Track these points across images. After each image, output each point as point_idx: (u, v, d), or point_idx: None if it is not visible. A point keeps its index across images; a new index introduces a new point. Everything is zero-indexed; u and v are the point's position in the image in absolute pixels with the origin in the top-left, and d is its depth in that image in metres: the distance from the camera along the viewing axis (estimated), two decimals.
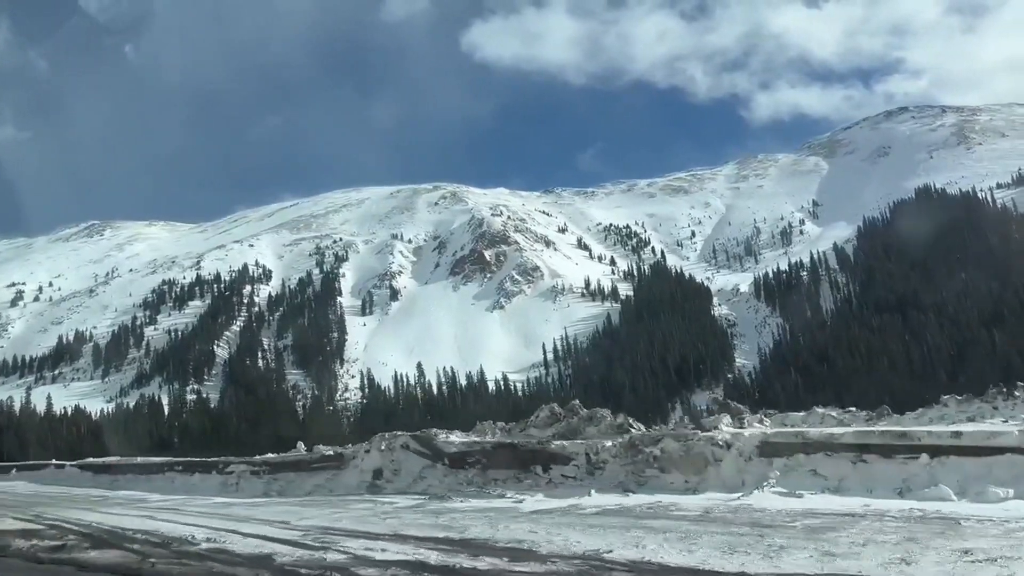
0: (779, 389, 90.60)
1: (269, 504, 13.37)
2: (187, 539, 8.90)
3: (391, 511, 10.62)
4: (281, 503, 13.34)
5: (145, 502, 15.50)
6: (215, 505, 13.82)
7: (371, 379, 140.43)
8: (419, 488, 12.55)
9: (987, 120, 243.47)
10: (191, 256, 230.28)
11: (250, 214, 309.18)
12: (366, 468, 13.79)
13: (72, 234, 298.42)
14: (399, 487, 12.92)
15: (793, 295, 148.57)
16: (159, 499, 15.84)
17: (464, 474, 12.32)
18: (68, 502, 16.55)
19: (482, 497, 11.16)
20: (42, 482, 22.56)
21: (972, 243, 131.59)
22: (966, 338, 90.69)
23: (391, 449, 13.73)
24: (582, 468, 11.08)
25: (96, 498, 17.15)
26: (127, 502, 15.77)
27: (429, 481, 12.50)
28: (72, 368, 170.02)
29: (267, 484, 15.17)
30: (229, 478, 16.09)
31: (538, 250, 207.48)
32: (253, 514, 11.52)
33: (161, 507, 13.96)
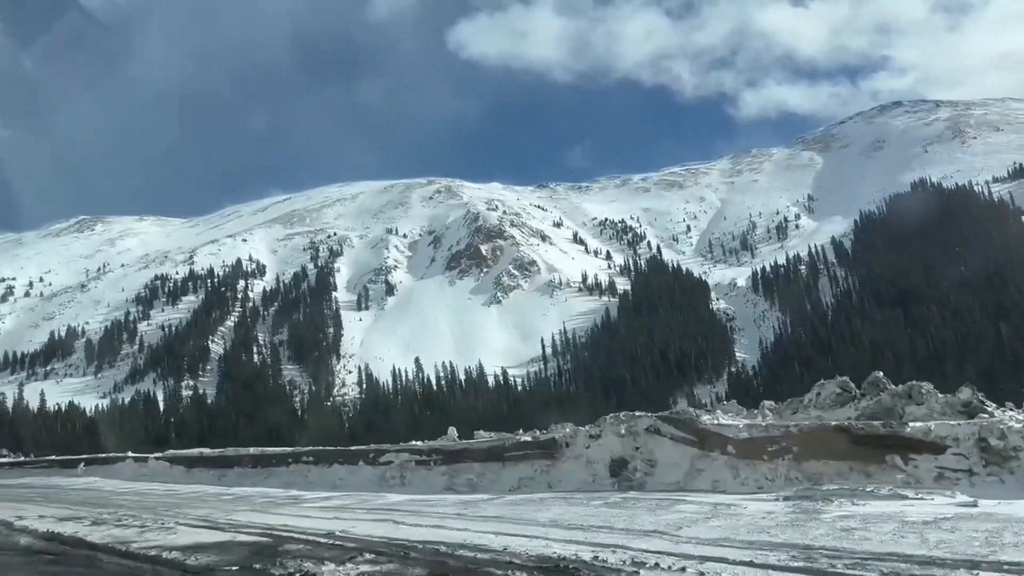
0: (785, 383, 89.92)
1: (510, 504, 9.64)
2: (586, 561, 5.61)
3: (787, 522, 6.73)
4: (522, 502, 9.81)
5: (305, 501, 12.14)
6: (423, 503, 10.42)
7: (369, 374, 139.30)
8: (699, 485, 9.35)
9: (981, 114, 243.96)
10: (183, 251, 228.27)
11: (242, 209, 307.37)
12: (596, 458, 10.83)
13: (62, 229, 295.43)
14: (663, 482, 9.74)
15: (792, 289, 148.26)
16: (316, 497, 12.39)
17: (763, 467, 9.19)
18: (202, 502, 13.04)
19: (847, 497, 7.64)
20: (126, 478, 19.86)
21: (970, 237, 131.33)
22: (970, 331, 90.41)
23: (633, 433, 10.67)
24: (973, 458, 8.07)
25: (231, 496, 13.77)
26: (287, 502, 12.30)
27: (712, 476, 9.42)
28: (64, 364, 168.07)
29: (448, 477, 12.38)
30: (387, 470, 13.53)
31: (534, 244, 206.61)
32: (543, 517, 8.16)
33: (354, 507, 10.67)
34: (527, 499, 10.04)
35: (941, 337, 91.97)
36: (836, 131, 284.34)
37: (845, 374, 51.41)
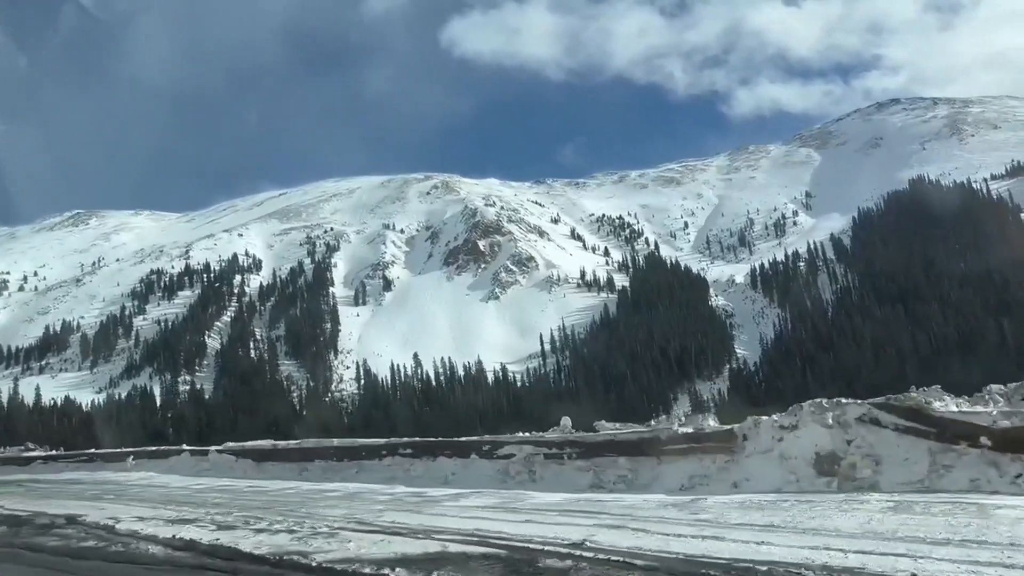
0: (787, 380, 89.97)
1: (761, 508, 7.46)
2: None
3: None
4: (766, 505, 7.64)
5: (438, 500, 10.28)
6: (611, 505, 8.49)
7: (367, 370, 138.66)
8: (949, 484, 7.53)
9: (979, 112, 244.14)
10: (179, 246, 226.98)
11: (238, 203, 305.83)
12: (793, 453, 8.83)
13: (56, 223, 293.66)
14: (898, 481, 7.85)
15: (791, 286, 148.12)
16: (444, 495, 10.59)
17: None
18: (314, 500, 11.23)
19: None
20: (186, 474, 17.85)
21: (969, 234, 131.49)
22: (972, 328, 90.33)
23: (842, 424, 8.72)
24: None
25: (338, 494, 11.81)
26: (421, 500, 10.36)
27: (966, 474, 7.63)
28: (60, 359, 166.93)
29: (592, 474, 10.47)
30: (509, 464, 11.72)
31: (532, 240, 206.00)
32: (832, 525, 6.35)
33: (517, 507, 8.89)
34: (758, 502, 7.78)
35: (944, 334, 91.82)
36: (833, 128, 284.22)
37: (848, 371, 52.03)
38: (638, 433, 10.86)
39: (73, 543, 8.52)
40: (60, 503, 12.76)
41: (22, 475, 22.53)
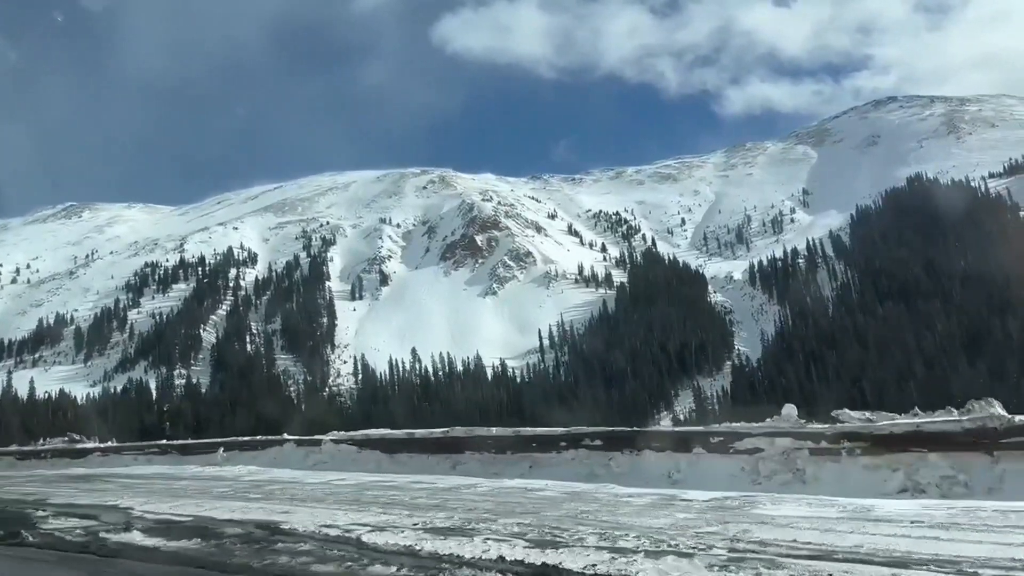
0: (791, 378, 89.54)
1: None
2: None
3: None
4: None
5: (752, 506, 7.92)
6: None
7: (365, 364, 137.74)
8: None
9: (976, 110, 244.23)
10: (173, 239, 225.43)
11: (232, 197, 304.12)
12: None
13: (48, 216, 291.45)
14: None
15: (790, 283, 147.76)
16: (744, 500, 8.27)
17: None
18: (549, 504, 8.83)
19: None
20: (294, 467, 15.98)
21: (970, 232, 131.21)
22: (977, 326, 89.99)
23: None
24: None
25: (559, 496, 9.42)
26: (738, 507, 7.87)
27: None
28: (53, 352, 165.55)
29: (900, 474, 8.51)
30: (759, 461, 9.57)
31: (529, 236, 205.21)
32: None
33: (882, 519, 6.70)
34: None
35: (949, 332, 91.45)
36: (830, 126, 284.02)
37: (852, 369, 51.02)
38: (952, 422, 8.73)
39: (347, 567, 5.96)
40: (211, 504, 10.51)
41: (91, 468, 20.61)
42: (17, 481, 18.04)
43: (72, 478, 17.64)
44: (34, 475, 20.24)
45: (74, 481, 16.60)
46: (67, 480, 17.11)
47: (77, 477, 17.94)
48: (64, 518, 9.76)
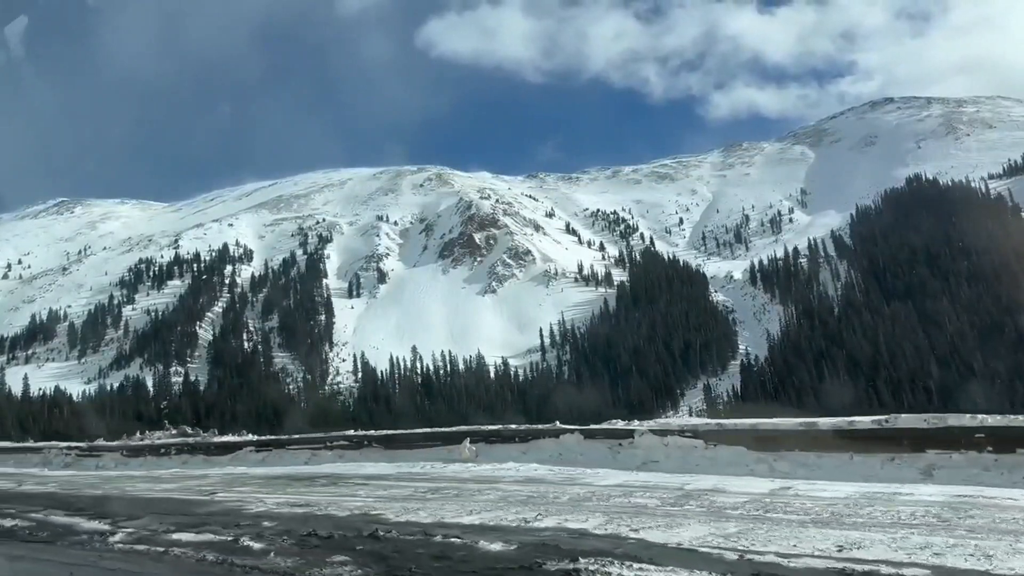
0: (803, 377, 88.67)
1: None
2: None
3: None
4: None
5: None
6: None
7: (365, 362, 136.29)
8: None
9: (973, 112, 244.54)
10: (167, 235, 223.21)
11: (225, 194, 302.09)
12: None
13: (40, 211, 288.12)
14: None
15: (792, 282, 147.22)
16: None
17: None
18: None
19: None
20: (619, 466, 12.98)
21: (972, 232, 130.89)
22: (986, 325, 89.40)
23: None
24: None
25: None
26: None
27: None
28: (46, 348, 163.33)
29: None
30: None
31: (528, 234, 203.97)
32: None
33: None
34: None
35: (960, 332, 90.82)
36: (827, 126, 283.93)
37: (863, 368, 49.54)
38: None
39: None
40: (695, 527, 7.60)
41: (278, 467, 16.97)
42: (211, 483, 14.59)
43: (292, 479, 13.99)
44: (209, 478, 16.14)
45: (307, 484, 13.06)
46: (293, 482, 13.49)
47: (299, 478, 14.18)
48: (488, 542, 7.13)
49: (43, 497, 14.10)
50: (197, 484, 14.77)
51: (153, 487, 15.11)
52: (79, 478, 18.54)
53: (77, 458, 22.30)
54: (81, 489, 15.37)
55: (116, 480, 17.37)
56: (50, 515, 10.75)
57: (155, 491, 14.27)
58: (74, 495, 14.19)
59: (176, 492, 13.83)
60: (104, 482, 16.92)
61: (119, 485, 15.99)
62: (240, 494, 12.55)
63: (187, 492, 13.62)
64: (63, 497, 13.88)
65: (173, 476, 17.37)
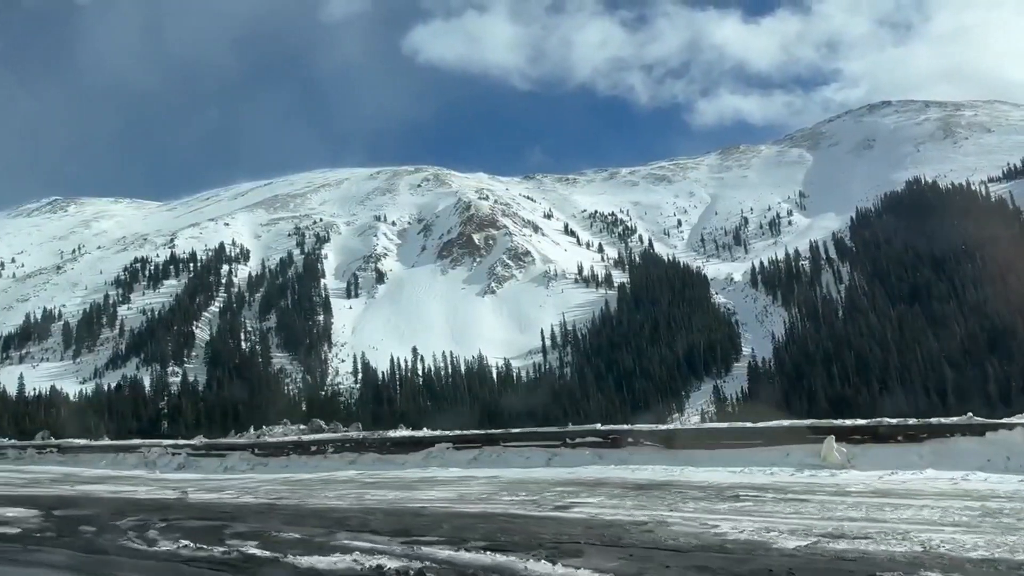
0: (815, 380, 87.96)
1: None
2: None
3: None
4: None
5: None
6: None
7: (365, 363, 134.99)
8: None
9: (971, 115, 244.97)
10: (163, 234, 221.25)
11: (221, 193, 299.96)
12: None
13: (33, 210, 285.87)
14: None
15: (794, 284, 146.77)
16: None
17: None
18: None
19: None
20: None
21: (975, 235, 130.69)
22: (996, 328, 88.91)
23: None
24: None
25: None
26: None
27: None
28: (41, 348, 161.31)
29: None
30: None
31: (527, 235, 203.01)
32: None
33: None
34: None
35: (970, 334, 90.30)
36: (825, 129, 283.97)
37: (874, 371, 48.28)
38: None
39: None
40: None
41: (472, 469, 13.87)
42: (484, 490, 11.08)
43: (624, 487, 10.33)
44: (458, 484, 12.29)
45: (650, 494, 9.46)
46: (632, 492, 9.85)
47: (613, 484, 10.64)
48: None
49: (274, 511, 10.22)
50: (467, 491, 11.06)
51: (379, 495, 11.25)
52: (234, 482, 14.91)
53: (190, 458, 19.36)
54: (283, 497, 11.77)
55: (297, 487, 13.17)
56: (355, 540, 7.35)
57: (412, 501, 10.39)
58: (298, 507, 10.59)
59: (470, 505, 9.73)
60: (287, 489, 12.81)
61: (315, 493, 12.02)
62: (601, 510, 8.59)
63: (491, 502, 9.77)
64: (296, 512, 10.09)
65: (383, 481, 13.28)
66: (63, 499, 13.33)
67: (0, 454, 25.61)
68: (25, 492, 15.05)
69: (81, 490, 15.17)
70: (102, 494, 14.10)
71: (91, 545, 8.20)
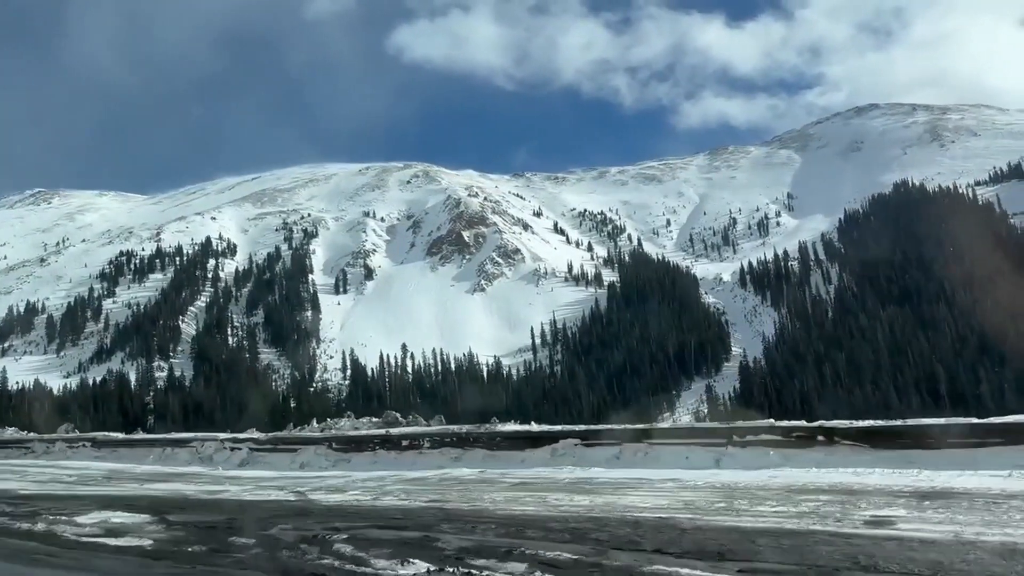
0: (807, 381, 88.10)
1: None
2: None
3: None
4: None
5: None
6: None
7: (354, 360, 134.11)
8: None
9: (958, 119, 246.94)
10: (148, 227, 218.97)
11: (207, 187, 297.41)
12: None
13: (16, 201, 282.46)
14: None
15: (784, 285, 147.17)
16: None
17: None
18: None
19: None
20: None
21: (963, 238, 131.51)
22: (986, 329, 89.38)
23: None
24: None
25: None
26: None
27: None
28: (24, 341, 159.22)
29: None
30: None
31: (517, 233, 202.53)
32: None
33: None
34: None
35: (960, 336, 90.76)
36: (813, 131, 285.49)
37: (868, 373, 48.21)
38: None
39: None
40: None
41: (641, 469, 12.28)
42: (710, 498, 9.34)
43: None
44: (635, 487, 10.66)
45: None
46: None
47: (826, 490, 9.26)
48: None
49: (456, 518, 8.73)
50: (687, 497, 9.45)
51: (560, 499, 9.80)
52: (333, 480, 13.39)
53: (253, 453, 17.79)
54: (436, 501, 10.18)
55: (425, 486, 11.85)
56: (669, 566, 5.93)
57: (618, 508, 8.86)
58: (476, 512, 9.08)
59: (723, 518, 8.03)
60: (420, 490, 11.45)
61: (471, 496, 10.53)
62: None
63: (754, 515, 8.04)
64: (483, 518, 8.60)
65: (532, 481, 11.82)
66: (158, 501, 11.58)
67: (25, 448, 24.09)
68: (92, 491, 13.52)
69: (158, 489, 13.58)
70: (189, 494, 12.59)
71: (296, 567, 6.61)
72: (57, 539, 8.51)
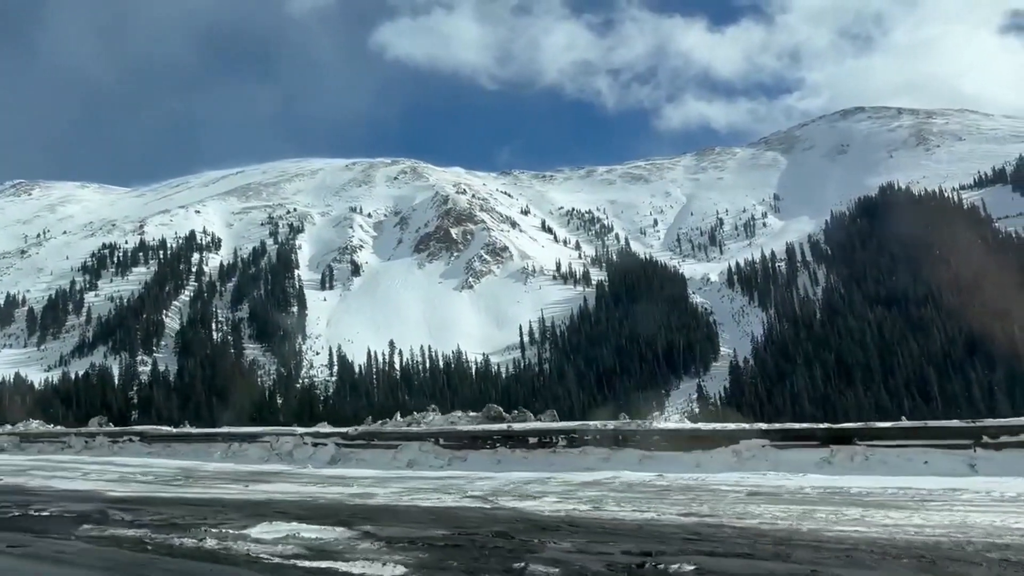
0: (799, 380, 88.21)
1: None
2: None
3: None
4: None
5: None
6: None
7: (341, 356, 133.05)
8: None
9: (943, 123, 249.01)
10: (131, 220, 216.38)
11: (191, 180, 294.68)
12: None
13: None
14: None
15: (771, 285, 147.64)
16: None
17: None
18: None
19: None
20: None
21: (949, 241, 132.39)
22: (974, 331, 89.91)
23: None
24: None
25: None
26: None
27: None
28: (4, 333, 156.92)
29: None
30: None
31: (505, 230, 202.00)
32: None
33: None
34: None
35: (949, 338, 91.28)
36: (799, 133, 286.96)
37: (856, 373, 48.05)
38: None
39: None
40: None
41: None
42: None
43: None
44: None
45: None
46: None
47: None
48: None
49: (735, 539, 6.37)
50: None
51: (835, 516, 7.31)
52: (482, 484, 11.28)
53: (342, 449, 15.77)
54: (683, 515, 7.84)
55: (633, 492, 9.74)
56: None
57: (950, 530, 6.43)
58: (753, 530, 6.80)
59: None
60: (626, 498, 9.24)
61: (720, 508, 8.10)
62: None
63: None
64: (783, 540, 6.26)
65: (761, 489, 9.46)
66: (319, 508, 9.15)
67: (61, 443, 22.04)
68: (199, 494, 11.31)
69: (279, 492, 11.20)
70: (329, 498, 10.21)
71: None
72: (256, 563, 5.94)
